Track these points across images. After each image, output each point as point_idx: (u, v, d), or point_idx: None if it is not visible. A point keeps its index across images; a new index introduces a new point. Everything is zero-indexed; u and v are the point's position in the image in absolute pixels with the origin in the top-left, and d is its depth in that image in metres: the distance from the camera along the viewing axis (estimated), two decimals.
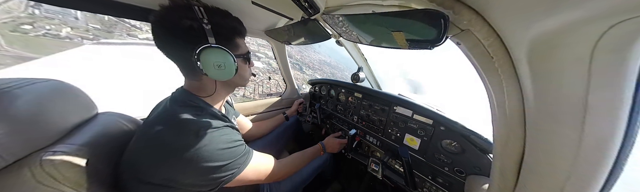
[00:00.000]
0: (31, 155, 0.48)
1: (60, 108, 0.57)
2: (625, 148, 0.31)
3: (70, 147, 0.53)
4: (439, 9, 0.41)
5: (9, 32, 70.88)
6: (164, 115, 0.62)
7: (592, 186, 0.34)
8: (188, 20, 0.53)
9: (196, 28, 0.54)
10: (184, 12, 0.54)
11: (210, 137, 0.57)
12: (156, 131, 0.56)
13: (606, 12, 0.25)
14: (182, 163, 0.54)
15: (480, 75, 0.46)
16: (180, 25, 0.53)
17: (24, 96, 0.49)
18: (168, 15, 0.55)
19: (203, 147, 0.55)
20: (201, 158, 0.54)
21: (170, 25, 0.54)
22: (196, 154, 0.54)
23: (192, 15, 0.54)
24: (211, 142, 0.57)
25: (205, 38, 0.55)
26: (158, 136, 0.56)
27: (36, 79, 0.56)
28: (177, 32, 0.54)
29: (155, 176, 0.56)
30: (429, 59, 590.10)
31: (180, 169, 0.55)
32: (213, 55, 0.56)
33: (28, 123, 0.48)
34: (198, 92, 0.68)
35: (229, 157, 0.59)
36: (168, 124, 0.58)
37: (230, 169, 0.59)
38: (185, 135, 0.55)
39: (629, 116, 0.29)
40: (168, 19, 0.54)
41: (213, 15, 0.57)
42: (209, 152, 0.55)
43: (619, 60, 0.27)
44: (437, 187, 0.89)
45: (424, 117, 0.94)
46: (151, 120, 0.64)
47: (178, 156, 0.53)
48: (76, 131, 0.61)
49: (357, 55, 1.46)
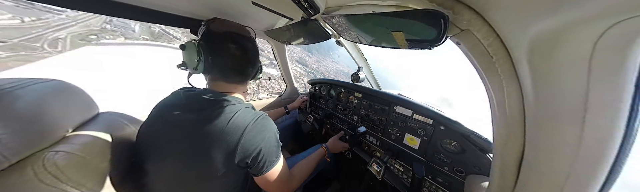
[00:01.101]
0: (34, 155, 0.48)
1: (62, 108, 0.58)
2: (625, 147, 0.31)
3: (73, 146, 0.53)
4: (438, 9, 0.41)
5: (78, 40, 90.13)
6: (215, 109, 0.66)
7: (591, 185, 0.34)
8: (253, 49, 0.74)
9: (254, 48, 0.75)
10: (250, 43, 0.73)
11: (267, 122, 0.70)
12: (212, 122, 0.62)
13: (605, 12, 0.25)
14: (266, 142, 0.65)
15: (480, 75, 0.47)
16: (251, 53, 0.74)
17: (26, 96, 0.49)
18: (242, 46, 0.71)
19: (272, 128, 0.69)
20: (275, 138, 0.69)
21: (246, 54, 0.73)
22: (269, 133, 0.67)
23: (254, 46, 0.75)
24: (274, 126, 0.71)
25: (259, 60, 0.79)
26: (219, 125, 0.62)
27: (38, 79, 0.56)
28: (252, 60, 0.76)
29: (237, 156, 0.61)
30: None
31: (263, 148, 0.64)
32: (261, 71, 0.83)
33: (30, 123, 0.49)
34: (236, 92, 0.78)
35: (278, 140, 0.72)
36: (226, 114, 0.64)
37: (278, 152, 0.71)
38: (251, 120, 0.65)
39: (629, 116, 0.29)
40: (245, 48, 0.72)
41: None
42: (276, 133, 0.70)
43: (618, 60, 0.27)
44: (437, 187, 0.89)
45: (424, 116, 0.94)
46: (190, 116, 0.65)
47: (261, 137, 0.64)
48: (78, 130, 0.61)
49: (357, 55, 1.46)
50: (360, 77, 1.33)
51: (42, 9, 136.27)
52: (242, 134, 0.61)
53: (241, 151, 0.61)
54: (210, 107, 0.67)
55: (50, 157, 0.48)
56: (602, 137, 0.31)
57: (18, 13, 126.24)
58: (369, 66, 1.55)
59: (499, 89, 0.43)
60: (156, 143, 0.68)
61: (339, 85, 1.49)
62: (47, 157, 0.48)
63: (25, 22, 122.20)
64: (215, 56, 0.68)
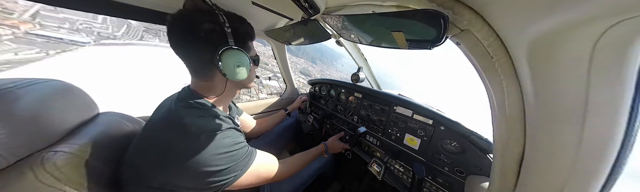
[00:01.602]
0: (33, 155, 0.48)
1: (61, 108, 0.57)
2: (625, 148, 0.31)
3: (72, 147, 0.53)
4: (438, 9, 0.41)
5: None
6: (168, 116, 0.62)
7: (592, 186, 0.34)
8: (211, 23, 0.56)
9: (218, 31, 0.56)
10: (207, 16, 0.56)
11: (211, 140, 0.57)
12: (159, 134, 0.58)
13: (605, 12, 0.25)
14: (181, 167, 0.54)
15: (480, 75, 0.46)
16: (203, 28, 0.55)
17: (25, 96, 0.49)
18: (191, 18, 0.56)
19: (204, 151, 0.55)
20: (201, 163, 0.54)
21: (192, 28, 0.55)
22: (197, 158, 0.54)
23: (215, 19, 0.56)
24: (213, 147, 0.56)
25: (225, 41, 0.57)
26: (160, 139, 0.56)
27: (38, 79, 0.56)
28: (199, 34, 0.55)
29: (155, 179, 0.55)
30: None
31: (179, 173, 0.55)
32: (233, 57, 0.58)
33: (30, 123, 0.49)
34: (205, 93, 0.69)
35: (230, 160, 0.59)
36: (171, 126, 0.58)
37: (231, 172, 0.59)
38: (187, 139, 0.56)
39: (629, 116, 0.29)
40: (191, 21, 0.56)
41: (232, 21, 0.59)
42: (210, 156, 0.55)
43: (618, 60, 0.27)
44: (437, 187, 0.89)
45: (424, 117, 0.94)
46: (155, 121, 0.64)
47: (178, 160, 0.54)
48: (77, 131, 0.61)
49: (357, 55, 1.46)
50: (360, 77, 1.33)
51: (69, 42, 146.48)
52: (169, 154, 0.54)
53: (174, 174, 0.54)
54: (164, 110, 0.65)
55: (49, 157, 0.48)
56: (603, 138, 0.31)
57: (47, 47, 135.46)
58: (369, 66, 1.55)
59: (499, 89, 0.43)
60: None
61: (339, 85, 1.49)
62: (46, 157, 0.48)
63: (49, 55, 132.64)
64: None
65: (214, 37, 0.57)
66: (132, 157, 0.60)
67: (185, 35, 0.57)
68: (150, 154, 0.56)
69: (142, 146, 0.59)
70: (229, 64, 0.58)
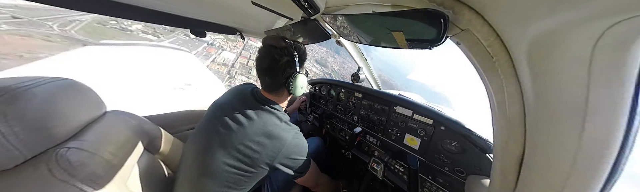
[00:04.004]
0: (47, 151, 0.50)
1: (73, 106, 0.60)
2: (625, 148, 0.31)
3: (84, 143, 0.55)
4: (439, 8, 0.41)
5: (95, 23, 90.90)
6: (273, 115, 0.78)
7: (592, 186, 0.34)
8: (287, 56, 0.74)
9: (291, 61, 0.74)
10: (285, 51, 0.74)
11: (303, 137, 0.80)
12: (276, 128, 0.74)
13: (605, 12, 0.25)
14: (292, 153, 0.74)
15: (481, 75, 0.46)
16: (283, 59, 0.74)
17: (41, 94, 0.50)
18: (275, 52, 0.74)
19: (300, 143, 0.77)
20: (296, 152, 0.75)
21: (275, 60, 0.74)
22: (300, 148, 0.76)
23: (290, 52, 0.74)
24: (305, 141, 0.80)
25: (295, 67, 0.76)
26: (281, 132, 0.73)
27: (51, 77, 0.58)
28: (279, 64, 0.74)
29: (272, 161, 0.71)
30: None
31: (289, 158, 0.74)
32: (299, 79, 0.77)
33: (44, 120, 0.50)
34: (278, 101, 0.85)
35: (309, 153, 0.80)
36: (283, 123, 0.77)
37: (309, 162, 0.82)
38: (295, 134, 0.76)
39: (629, 116, 0.29)
40: (275, 55, 0.74)
41: (299, 50, 0.76)
42: (306, 148, 0.79)
43: (619, 60, 0.27)
44: (438, 187, 0.89)
45: (424, 117, 0.94)
46: (261, 116, 0.76)
47: (292, 147, 0.73)
48: (87, 128, 0.63)
49: (357, 55, 1.46)
50: (360, 77, 1.33)
51: None
52: (285, 144, 0.71)
53: (281, 157, 0.71)
54: (260, 109, 0.77)
55: (62, 153, 0.50)
56: (603, 138, 0.31)
57: None
58: (369, 66, 1.55)
59: (499, 89, 0.43)
60: (196, 139, 0.78)
61: (339, 85, 1.49)
62: (59, 153, 0.50)
63: None
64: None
65: (289, 66, 0.75)
66: (234, 142, 0.70)
67: (271, 66, 0.75)
68: (264, 141, 0.70)
69: (252, 135, 0.71)
70: (297, 86, 0.77)
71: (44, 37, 70.76)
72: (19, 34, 75.20)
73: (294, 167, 0.76)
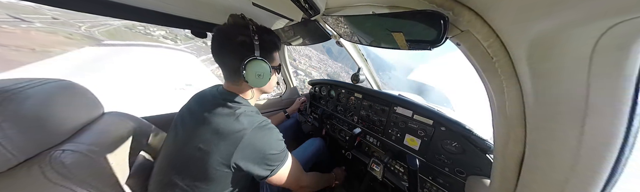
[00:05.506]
0: (41, 153, 0.49)
1: (69, 108, 0.59)
2: (625, 148, 0.31)
3: (79, 146, 0.55)
4: (438, 10, 0.41)
5: (123, 27, 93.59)
6: (230, 113, 0.67)
7: (593, 186, 0.34)
8: (242, 36, 0.64)
9: (248, 43, 0.64)
10: (241, 29, 0.65)
11: (272, 128, 0.69)
12: (226, 122, 0.64)
13: (605, 13, 0.25)
14: (250, 149, 0.62)
15: (481, 76, 0.46)
16: (237, 40, 0.63)
17: (35, 96, 0.50)
18: (228, 31, 0.65)
19: (261, 137, 0.64)
20: (259, 147, 0.63)
21: (228, 39, 0.64)
22: (263, 142, 0.64)
23: (247, 32, 0.64)
24: (276, 134, 0.68)
25: (253, 51, 0.64)
26: (231, 127, 0.63)
27: (47, 79, 0.57)
28: (232, 45, 0.64)
29: (228, 161, 0.61)
30: None
31: (248, 155, 0.62)
32: (256, 66, 0.64)
33: (39, 122, 0.50)
34: (242, 95, 0.76)
35: (282, 147, 0.69)
36: (235, 116, 0.65)
37: (280, 158, 0.68)
38: (255, 126, 0.64)
39: (629, 116, 0.29)
40: (228, 34, 0.65)
41: (261, 33, 0.66)
42: (276, 141, 0.67)
43: (618, 61, 0.27)
44: (438, 188, 0.89)
45: (424, 117, 0.94)
46: (218, 117, 0.66)
47: (249, 143, 0.62)
48: (84, 130, 0.62)
49: (357, 55, 1.46)
50: (360, 78, 1.33)
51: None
52: (239, 140, 0.60)
53: (238, 155, 0.61)
54: (213, 106, 0.69)
55: (57, 155, 0.49)
56: (603, 138, 0.31)
57: None
58: (369, 67, 1.55)
59: (500, 89, 0.43)
60: (167, 141, 0.72)
61: (339, 85, 1.49)
62: (54, 156, 0.49)
63: None
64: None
65: (243, 49, 0.64)
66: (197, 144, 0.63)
67: (222, 46, 0.66)
68: (223, 140, 0.61)
69: (210, 134, 0.63)
70: (251, 73, 0.64)
71: (67, 35, 73.64)
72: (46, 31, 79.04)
73: (259, 164, 0.64)
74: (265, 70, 0.66)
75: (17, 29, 78.66)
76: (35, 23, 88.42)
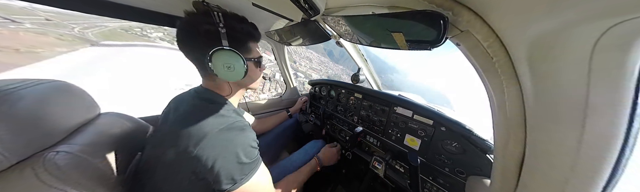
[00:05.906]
0: (34, 155, 0.48)
1: (63, 109, 0.58)
2: (625, 149, 0.31)
3: (73, 147, 0.53)
4: (438, 10, 0.41)
5: (118, 29, 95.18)
6: (199, 112, 0.62)
7: (593, 187, 0.34)
8: (207, 24, 0.57)
9: (213, 32, 0.57)
10: (204, 17, 0.58)
11: (247, 134, 0.60)
12: (190, 123, 0.57)
13: (605, 13, 0.25)
14: (222, 156, 0.54)
15: (481, 76, 0.46)
16: (200, 29, 0.57)
17: (28, 96, 0.49)
18: (190, 21, 0.59)
19: (240, 143, 0.57)
20: (237, 153, 0.55)
21: (191, 29, 0.58)
22: (235, 148, 0.55)
23: (211, 20, 0.57)
24: (247, 139, 0.59)
25: (219, 41, 0.57)
26: (194, 128, 0.56)
27: (41, 79, 0.56)
28: (196, 35, 0.58)
29: (187, 169, 0.55)
30: None
31: (218, 162, 0.53)
32: (224, 57, 0.58)
33: (32, 124, 0.49)
34: (218, 91, 0.71)
35: (253, 155, 0.60)
36: (203, 116, 0.59)
37: (248, 170, 0.58)
38: (222, 128, 0.57)
39: (630, 116, 0.29)
40: (190, 23, 0.59)
41: (229, 21, 0.60)
42: (245, 147, 0.57)
43: (618, 61, 0.27)
44: (438, 188, 0.89)
45: (424, 117, 0.94)
46: (185, 116, 0.61)
47: (220, 149, 0.54)
48: (79, 131, 0.61)
49: (357, 56, 1.46)
50: (360, 78, 1.33)
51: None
52: (198, 142, 0.52)
53: (196, 162, 0.52)
54: (187, 106, 0.65)
55: (51, 157, 0.48)
56: (603, 138, 0.31)
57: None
58: (369, 67, 1.55)
59: (500, 90, 0.43)
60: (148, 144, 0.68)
61: (339, 86, 1.49)
62: (47, 158, 0.48)
63: None
64: None
65: (209, 38, 0.57)
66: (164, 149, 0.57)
67: (187, 37, 0.60)
68: (181, 147, 0.54)
69: (171, 140, 0.56)
70: (218, 65, 0.58)
71: (57, 36, 73.37)
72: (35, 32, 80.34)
73: (220, 175, 0.53)
74: (236, 61, 0.59)
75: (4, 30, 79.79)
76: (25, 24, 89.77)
